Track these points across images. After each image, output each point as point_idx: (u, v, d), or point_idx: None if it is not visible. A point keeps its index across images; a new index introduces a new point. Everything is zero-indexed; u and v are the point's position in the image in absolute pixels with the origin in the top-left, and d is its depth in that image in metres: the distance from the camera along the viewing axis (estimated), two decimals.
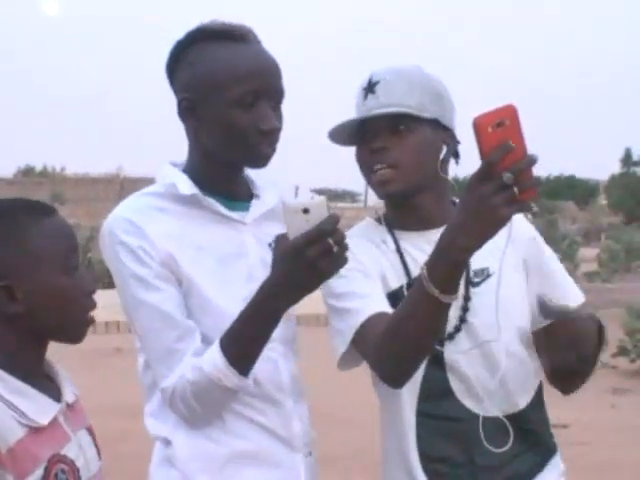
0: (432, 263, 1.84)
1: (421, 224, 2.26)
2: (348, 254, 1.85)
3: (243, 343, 2.00)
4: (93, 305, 1.83)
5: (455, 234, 1.78)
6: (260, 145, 2.11)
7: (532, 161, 1.69)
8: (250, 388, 2.05)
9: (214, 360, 1.99)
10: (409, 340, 1.96)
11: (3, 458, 1.63)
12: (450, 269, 1.83)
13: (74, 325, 1.81)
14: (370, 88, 2.23)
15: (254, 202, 2.24)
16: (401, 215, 2.29)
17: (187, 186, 2.14)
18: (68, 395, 1.84)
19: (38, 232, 1.75)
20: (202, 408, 2.04)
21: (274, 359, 2.16)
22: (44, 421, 1.73)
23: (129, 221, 2.08)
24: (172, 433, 2.12)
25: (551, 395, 2.34)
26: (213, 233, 2.15)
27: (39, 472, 1.68)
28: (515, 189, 1.68)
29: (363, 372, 2.17)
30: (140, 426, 2.18)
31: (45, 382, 1.81)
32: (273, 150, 2.15)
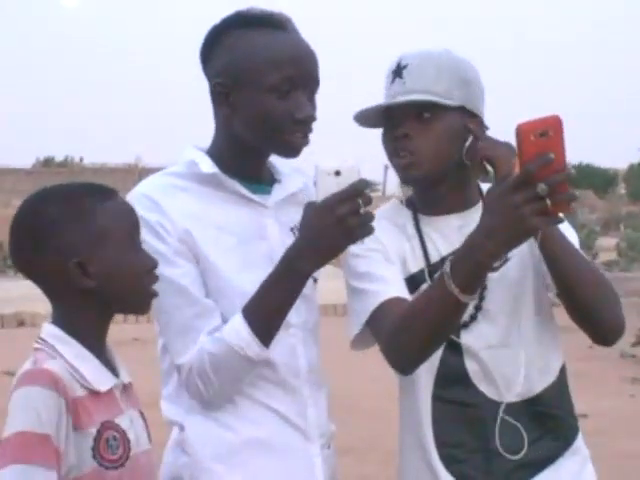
0: (456, 261, 1.87)
1: (444, 209, 2.25)
2: (372, 232, 1.90)
3: (267, 311, 2.01)
4: (156, 279, 1.90)
5: (483, 238, 1.81)
6: (294, 135, 2.10)
7: (569, 176, 1.71)
8: (267, 356, 2.04)
9: (236, 329, 2.00)
10: (421, 333, 1.98)
11: (70, 404, 1.72)
12: (474, 270, 1.86)
13: (140, 297, 1.89)
14: (398, 72, 2.21)
15: (276, 186, 2.23)
16: (425, 199, 2.29)
17: (209, 165, 2.14)
18: (124, 376, 1.92)
19: (103, 212, 1.84)
20: (220, 382, 2.03)
21: (292, 344, 2.15)
22: (102, 388, 1.82)
23: (148, 197, 2.09)
24: (185, 418, 2.12)
25: (570, 384, 2.33)
26: (234, 214, 2.14)
27: (92, 432, 1.76)
28: (548, 201, 1.70)
29: (382, 362, 2.16)
30: (157, 415, 2.18)
31: (106, 362, 1.89)
32: (307, 141, 2.14)
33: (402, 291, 2.17)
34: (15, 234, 1.85)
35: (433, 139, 2.18)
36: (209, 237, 2.09)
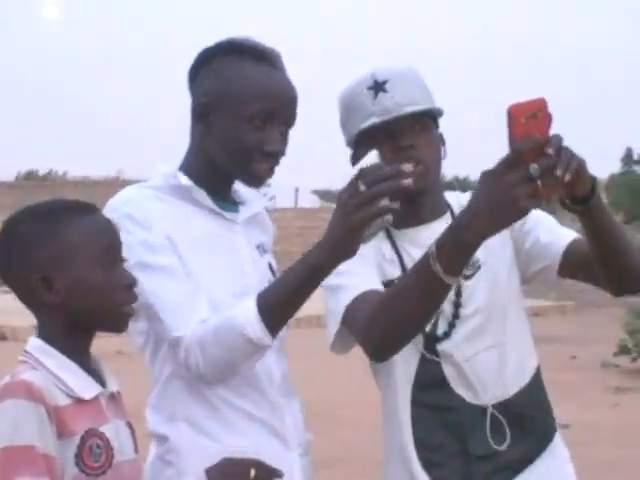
0: (442, 242, 1.84)
1: (420, 219, 2.29)
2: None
3: (280, 299, 2.00)
4: (130, 298, 1.89)
5: (472, 217, 1.78)
6: (260, 165, 2.17)
7: (568, 160, 1.70)
8: (270, 345, 2.04)
9: (246, 309, 2.00)
10: (402, 316, 1.97)
11: (51, 411, 1.72)
12: (459, 250, 1.83)
13: (111, 316, 1.88)
14: (379, 87, 2.24)
15: (242, 207, 2.30)
16: (404, 211, 2.29)
17: (185, 179, 2.20)
18: (112, 386, 1.92)
19: (74, 229, 1.85)
20: (218, 357, 2.02)
21: (268, 354, 2.17)
22: (87, 396, 1.82)
23: (132, 200, 2.16)
24: (169, 427, 2.14)
25: (551, 395, 2.34)
26: (206, 227, 2.20)
27: (75, 440, 1.76)
28: (539, 183, 1.69)
29: (365, 373, 2.17)
30: (142, 428, 2.18)
31: (91, 372, 1.89)
32: (271, 173, 2.21)
33: (377, 285, 2.18)
34: None
35: (433, 148, 2.26)
36: (185, 244, 2.14)
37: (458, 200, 2.36)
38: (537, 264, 2.30)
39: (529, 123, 1.70)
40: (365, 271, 2.21)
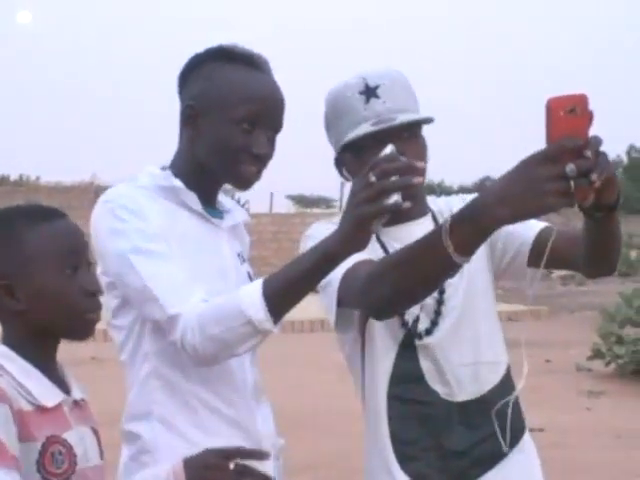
0: (457, 220, 1.78)
1: (403, 219, 2.30)
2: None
3: (287, 284, 1.97)
4: (94, 305, 1.88)
5: (494, 202, 1.71)
6: (248, 168, 2.19)
7: (607, 166, 1.66)
8: (273, 331, 2.00)
9: (252, 290, 1.98)
10: (401, 283, 1.93)
11: (15, 413, 1.72)
12: (474, 233, 1.77)
13: (73, 324, 1.87)
14: (371, 92, 2.25)
15: (226, 215, 2.32)
16: None
17: (177, 181, 2.22)
18: (76, 393, 1.91)
19: (35, 235, 1.85)
20: (216, 336, 1.98)
21: (242, 358, 2.18)
22: (48, 403, 1.81)
23: (127, 194, 2.16)
24: (143, 425, 2.15)
25: (526, 399, 2.36)
26: (193, 228, 2.21)
27: (37, 446, 1.75)
28: (572, 183, 1.63)
29: (341, 379, 2.17)
30: (116, 434, 2.18)
31: (56, 379, 1.88)
32: (259, 176, 2.23)
33: (370, 256, 2.14)
34: None
35: (421, 155, 2.26)
36: (175, 241, 2.14)
37: (436, 203, 2.40)
38: (509, 252, 2.33)
39: (567, 118, 1.65)
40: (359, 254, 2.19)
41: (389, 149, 1.83)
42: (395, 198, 1.77)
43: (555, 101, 1.66)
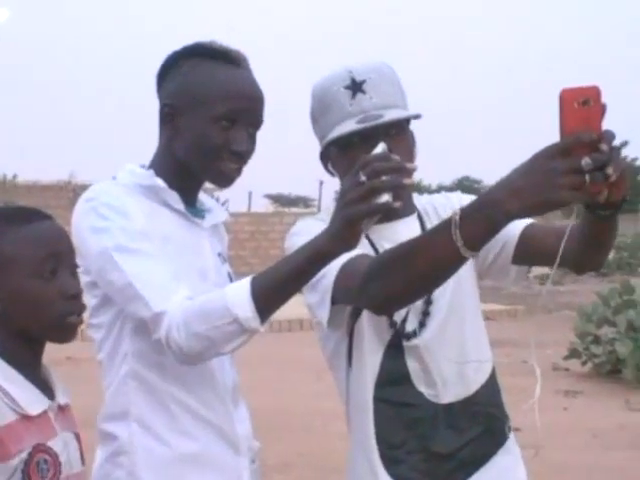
0: (468, 213, 1.75)
1: (390, 217, 2.26)
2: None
3: (276, 282, 1.94)
4: (75, 308, 1.86)
5: (506, 196, 1.68)
6: (228, 165, 2.17)
7: (621, 161, 1.64)
8: (260, 330, 1.96)
9: (239, 287, 1.96)
10: (407, 278, 1.89)
11: None
12: (484, 227, 1.74)
13: (54, 328, 1.86)
14: (357, 87, 2.22)
15: (207, 214, 2.31)
16: None
17: (160, 180, 2.19)
18: (60, 398, 1.90)
19: (12, 238, 1.83)
20: (201, 334, 1.95)
21: (222, 359, 2.18)
22: (33, 411, 1.80)
23: (109, 192, 2.13)
24: (120, 426, 2.13)
25: (504, 398, 2.36)
26: (176, 228, 2.20)
27: (22, 457, 1.74)
28: (587, 177, 1.61)
29: (320, 380, 2.17)
30: (91, 436, 2.16)
31: (40, 383, 1.87)
32: (239, 173, 2.21)
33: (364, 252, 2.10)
34: None
35: (409, 152, 2.24)
36: (157, 240, 2.12)
37: (420, 201, 2.38)
38: (494, 249, 2.28)
39: (581, 110, 1.64)
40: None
41: (380, 148, 1.81)
42: (386, 198, 1.74)
43: (568, 92, 1.65)
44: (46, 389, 1.87)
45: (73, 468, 1.85)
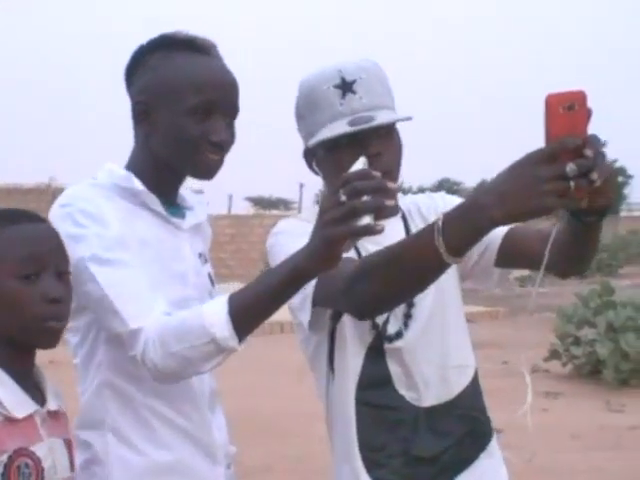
0: (451, 219, 1.73)
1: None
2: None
3: (255, 301, 1.89)
4: (56, 313, 1.83)
5: (490, 202, 1.66)
6: (208, 156, 2.11)
7: (606, 166, 1.62)
8: (237, 349, 1.92)
9: (217, 306, 1.91)
10: (389, 282, 1.88)
11: None
12: (468, 233, 1.73)
13: (33, 332, 1.83)
14: (347, 87, 2.19)
15: (189, 212, 2.26)
16: None
17: (139, 183, 2.14)
18: (51, 403, 1.88)
19: None
20: (178, 353, 1.91)
21: None
22: (19, 414, 1.78)
23: (84, 197, 2.08)
24: (95, 435, 2.11)
25: (485, 400, 2.36)
26: (154, 231, 2.15)
27: (2, 459, 1.72)
28: (572, 184, 1.60)
29: (302, 383, 2.17)
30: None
31: (32, 388, 1.85)
32: (221, 163, 2.15)
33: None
34: None
35: (397, 153, 2.22)
36: (135, 246, 2.07)
37: (403, 201, 2.37)
38: (477, 251, 2.25)
39: (566, 114, 1.63)
40: None
41: (361, 163, 1.74)
42: (367, 220, 1.66)
43: (554, 97, 1.64)
44: (37, 394, 1.85)
45: (58, 474, 1.83)
